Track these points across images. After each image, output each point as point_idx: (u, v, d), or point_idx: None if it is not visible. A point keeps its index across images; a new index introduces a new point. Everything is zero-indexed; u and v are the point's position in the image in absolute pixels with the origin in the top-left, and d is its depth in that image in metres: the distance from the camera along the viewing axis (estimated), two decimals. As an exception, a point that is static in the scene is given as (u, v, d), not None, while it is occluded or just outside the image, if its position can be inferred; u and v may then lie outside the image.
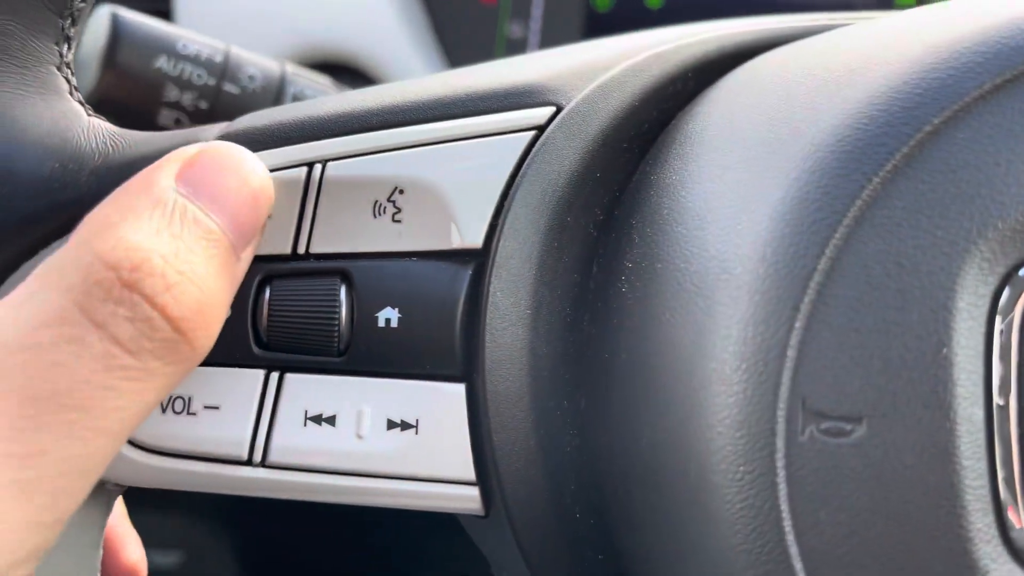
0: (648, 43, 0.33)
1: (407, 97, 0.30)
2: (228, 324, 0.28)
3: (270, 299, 0.28)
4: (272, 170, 0.29)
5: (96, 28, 0.45)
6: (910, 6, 0.76)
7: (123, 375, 0.21)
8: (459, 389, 0.28)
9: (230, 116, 0.47)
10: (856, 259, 0.23)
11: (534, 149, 0.29)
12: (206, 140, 0.30)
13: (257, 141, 0.29)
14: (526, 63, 0.33)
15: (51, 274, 0.22)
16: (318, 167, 0.29)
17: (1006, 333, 0.22)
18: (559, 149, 0.29)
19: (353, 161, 0.29)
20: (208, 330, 0.23)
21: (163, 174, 0.25)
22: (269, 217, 0.28)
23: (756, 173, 0.25)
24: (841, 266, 0.23)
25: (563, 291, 0.29)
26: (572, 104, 0.30)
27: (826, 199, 0.23)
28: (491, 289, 0.28)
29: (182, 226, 0.24)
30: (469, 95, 0.30)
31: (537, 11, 0.80)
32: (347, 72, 0.70)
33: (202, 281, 0.23)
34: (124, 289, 0.22)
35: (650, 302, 0.27)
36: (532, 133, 0.29)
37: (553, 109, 0.30)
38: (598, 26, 0.80)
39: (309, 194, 0.28)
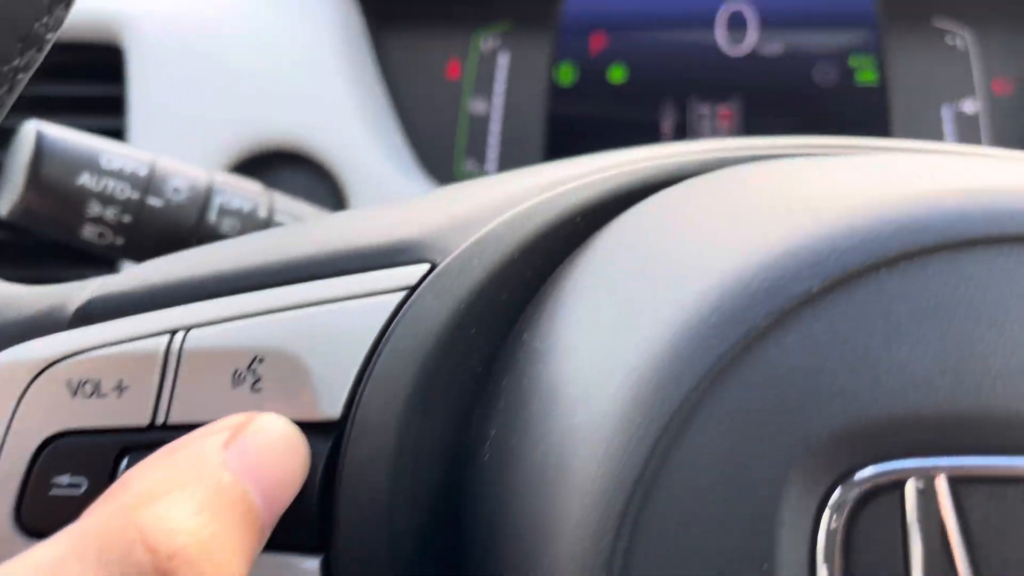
0: (533, 186, 0.33)
1: (276, 256, 0.30)
2: (84, 500, 0.28)
3: (125, 471, 0.28)
4: (133, 339, 0.29)
5: (22, 144, 0.45)
6: (872, 83, 0.76)
7: None
8: (314, 564, 0.27)
9: (154, 228, 0.47)
10: (682, 468, 0.22)
11: (402, 311, 0.29)
12: (78, 299, 0.30)
13: (121, 307, 0.29)
14: (407, 213, 0.33)
15: (90, 542, 0.22)
16: (180, 335, 0.29)
17: (829, 543, 0.22)
18: (428, 309, 0.29)
19: (213, 329, 0.29)
20: None
21: (211, 442, 0.25)
22: None
23: (601, 357, 0.25)
24: (668, 473, 0.22)
25: (432, 456, 0.29)
26: (445, 262, 0.29)
27: (658, 396, 0.23)
28: (346, 463, 0.27)
29: (223, 507, 0.24)
30: (339, 253, 0.30)
31: (500, 87, 0.80)
32: (302, 161, 0.71)
33: (230, 570, 0.23)
34: None
35: (505, 478, 0.26)
36: (402, 294, 0.29)
37: (427, 267, 0.29)
38: (561, 101, 0.80)
39: (169, 364, 0.28)
